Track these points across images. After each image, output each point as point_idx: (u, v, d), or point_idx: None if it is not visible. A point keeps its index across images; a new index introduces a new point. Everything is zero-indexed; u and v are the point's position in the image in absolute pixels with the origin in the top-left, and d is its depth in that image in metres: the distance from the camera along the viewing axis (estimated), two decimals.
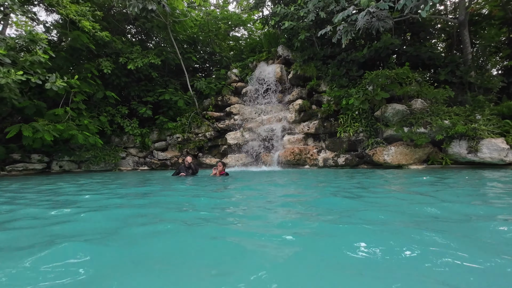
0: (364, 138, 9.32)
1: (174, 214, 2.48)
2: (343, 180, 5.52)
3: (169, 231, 1.82)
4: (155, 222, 2.11)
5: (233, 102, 12.74)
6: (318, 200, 3.14)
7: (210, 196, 3.57)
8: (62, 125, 8.27)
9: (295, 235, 1.65)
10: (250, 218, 2.29)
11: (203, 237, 1.67)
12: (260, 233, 1.70)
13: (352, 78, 10.35)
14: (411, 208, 2.46)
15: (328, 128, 10.21)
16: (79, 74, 9.59)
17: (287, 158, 10.29)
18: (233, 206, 2.92)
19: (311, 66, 11.12)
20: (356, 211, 2.40)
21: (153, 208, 2.80)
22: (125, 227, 1.97)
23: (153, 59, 10.61)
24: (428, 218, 2.12)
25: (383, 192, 3.70)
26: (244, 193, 3.80)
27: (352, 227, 1.78)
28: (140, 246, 1.56)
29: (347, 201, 2.95)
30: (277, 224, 2.00)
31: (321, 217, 2.21)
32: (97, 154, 10.94)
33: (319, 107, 10.81)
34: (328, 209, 2.54)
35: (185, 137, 12.42)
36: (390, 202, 2.88)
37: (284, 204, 2.89)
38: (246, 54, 13.46)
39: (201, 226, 1.94)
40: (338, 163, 9.41)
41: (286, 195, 3.55)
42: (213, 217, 2.28)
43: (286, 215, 2.33)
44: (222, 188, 4.54)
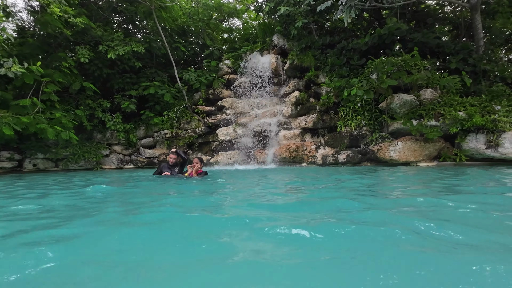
0: (367, 133, 8.28)
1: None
2: (347, 180, 4.48)
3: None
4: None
5: (225, 95, 11.68)
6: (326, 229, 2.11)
7: (172, 207, 2.53)
8: (27, 117, 7.19)
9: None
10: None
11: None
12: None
13: (354, 68, 9.30)
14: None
15: (327, 122, 9.16)
16: (53, 63, 8.52)
17: (282, 155, 9.24)
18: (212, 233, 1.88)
19: (309, 56, 10.06)
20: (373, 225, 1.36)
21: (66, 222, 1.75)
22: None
23: (136, 47, 9.53)
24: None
25: (415, 206, 2.67)
26: (225, 209, 2.75)
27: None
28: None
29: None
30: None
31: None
32: (76, 151, 9.87)
33: (317, 100, 9.76)
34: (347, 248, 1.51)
35: (173, 133, 11.36)
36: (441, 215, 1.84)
37: (278, 225, 1.85)
38: (239, 44, 12.38)
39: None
40: (339, 161, 8.37)
41: (281, 208, 2.52)
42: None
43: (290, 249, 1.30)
44: (198, 195, 3.50)
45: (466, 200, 2.38)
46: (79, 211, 2.38)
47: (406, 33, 8.81)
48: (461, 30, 11.73)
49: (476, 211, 1.99)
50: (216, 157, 10.70)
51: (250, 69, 11.32)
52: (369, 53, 9.53)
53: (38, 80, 8.00)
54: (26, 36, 9.44)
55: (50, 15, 7.76)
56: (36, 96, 8.23)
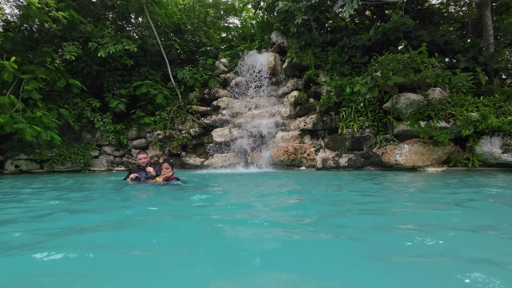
0: (371, 135, 7.63)
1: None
2: (353, 188, 3.83)
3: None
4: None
5: (222, 95, 11.06)
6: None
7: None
8: (3, 117, 6.55)
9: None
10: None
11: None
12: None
13: (356, 66, 8.67)
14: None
15: (327, 123, 8.52)
16: (36, 58, 7.92)
17: (280, 158, 8.60)
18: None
19: (309, 53, 9.44)
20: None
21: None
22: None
23: (128, 45, 8.91)
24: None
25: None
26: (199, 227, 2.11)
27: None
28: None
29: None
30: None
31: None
32: (62, 152, 9.23)
33: (317, 100, 9.13)
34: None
35: (167, 133, 10.73)
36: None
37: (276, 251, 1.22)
38: (236, 43, 11.78)
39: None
40: (340, 164, 7.72)
41: (275, 225, 1.87)
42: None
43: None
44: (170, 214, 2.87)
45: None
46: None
47: (412, 29, 8.19)
48: (468, 29, 11.11)
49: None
50: (210, 160, 10.07)
51: (247, 67, 10.70)
52: (372, 51, 8.90)
53: (18, 77, 7.39)
54: (9, 30, 8.84)
55: (32, 8, 7.17)
56: (18, 94, 7.62)
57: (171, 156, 10.93)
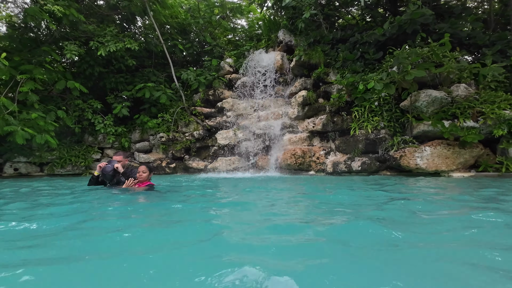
0: (387, 136, 6.87)
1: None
2: (372, 200, 3.14)
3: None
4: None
5: (227, 96, 10.53)
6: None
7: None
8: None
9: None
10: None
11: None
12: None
13: (369, 63, 7.97)
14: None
15: (338, 124, 7.81)
16: (34, 58, 7.60)
17: (287, 161, 7.93)
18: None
19: (318, 51, 8.79)
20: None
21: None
22: None
23: (129, 43, 8.52)
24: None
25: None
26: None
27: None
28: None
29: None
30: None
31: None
32: (63, 155, 8.87)
33: (327, 100, 8.45)
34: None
35: (170, 136, 10.24)
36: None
37: None
38: (242, 42, 11.27)
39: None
40: (352, 169, 6.98)
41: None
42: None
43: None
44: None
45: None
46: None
47: (431, 22, 7.43)
48: (490, 23, 10.21)
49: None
50: (214, 163, 9.49)
51: (253, 67, 10.14)
52: (387, 46, 8.19)
53: (14, 77, 7.05)
54: (15, 30, 8.62)
55: (31, 6, 6.85)
56: (15, 95, 7.28)
57: (175, 159, 10.42)
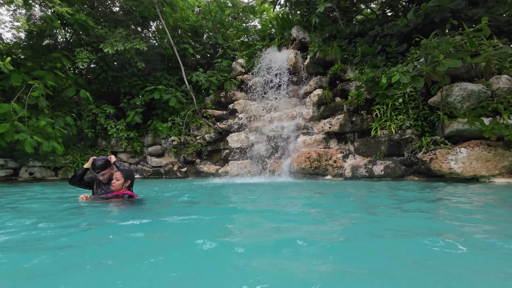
0: (414, 137, 6.05)
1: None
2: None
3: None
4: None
5: (239, 97, 10.08)
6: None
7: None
8: (3, 126, 6.09)
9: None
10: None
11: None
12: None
13: (391, 56, 7.17)
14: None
15: (357, 125, 7.06)
16: (47, 64, 7.58)
17: (301, 165, 7.29)
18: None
19: (334, 47, 8.12)
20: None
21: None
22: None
23: (138, 44, 8.34)
24: None
25: None
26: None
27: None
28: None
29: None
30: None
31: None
32: (76, 159, 8.82)
33: (344, 99, 7.73)
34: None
35: (181, 139, 9.95)
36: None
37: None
38: (254, 43, 10.81)
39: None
40: (374, 173, 6.21)
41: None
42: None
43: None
44: None
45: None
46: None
47: (463, 8, 6.53)
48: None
49: None
50: (225, 167, 9.04)
51: (265, 67, 9.62)
52: (411, 39, 7.36)
53: (27, 82, 7.03)
54: (32, 38, 8.74)
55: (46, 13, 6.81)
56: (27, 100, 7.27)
57: (186, 163, 10.11)
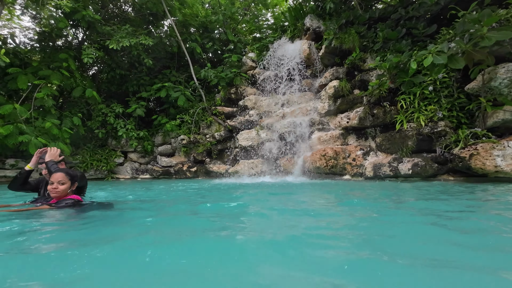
0: (448, 129, 5.16)
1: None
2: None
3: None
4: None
5: (250, 93, 9.50)
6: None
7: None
8: (6, 128, 5.90)
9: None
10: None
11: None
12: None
13: (418, 40, 6.27)
14: None
15: (379, 118, 6.24)
16: (53, 64, 7.42)
17: (316, 164, 6.57)
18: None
19: (351, 34, 7.31)
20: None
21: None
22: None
23: (144, 40, 8.00)
24: None
25: None
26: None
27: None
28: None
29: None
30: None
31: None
32: (85, 159, 8.64)
33: (364, 91, 6.91)
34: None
35: (191, 138, 9.53)
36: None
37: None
38: (264, 34, 10.19)
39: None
40: (400, 172, 5.38)
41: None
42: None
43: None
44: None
45: None
46: None
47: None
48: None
49: None
50: (236, 167, 8.49)
51: (277, 60, 8.98)
52: (440, 20, 6.42)
53: (35, 84, 6.87)
54: (43, 40, 8.68)
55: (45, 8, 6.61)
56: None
57: (196, 163, 9.67)
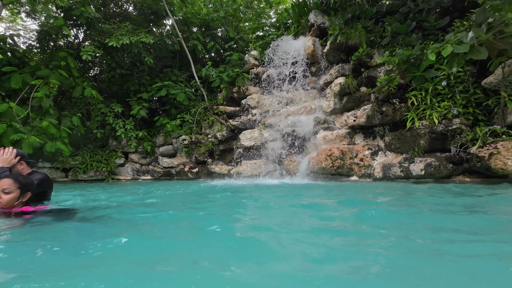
0: (463, 127, 4.79)
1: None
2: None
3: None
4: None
5: (253, 92, 9.23)
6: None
7: None
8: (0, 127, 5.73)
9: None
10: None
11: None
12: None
13: (430, 33, 5.92)
14: None
15: (389, 116, 5.89)
16: (51, 63, 7.25)
17: (321, 164, 6.24)
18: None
19: (358, 28, 6.98)
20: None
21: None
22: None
23: (144, 37, 7.79)
24: None
25: None
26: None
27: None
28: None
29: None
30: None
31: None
32: (85, 160, 8.45)
33: (371, 88, 6.57)
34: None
35: (193, 139, 9.28)
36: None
37: None
38: (268, 33, 9.91)
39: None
40: (412, 173, 5.03)
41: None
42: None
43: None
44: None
45: None
46: None
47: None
48: None
49: None
50: (238, 167, 8.20)
51: (280, 57, 8.69)
52: (451, 12, 6.06)
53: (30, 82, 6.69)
54: (43, 40, 8.54)
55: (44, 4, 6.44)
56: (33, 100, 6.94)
57: (198, 163, 9.42)
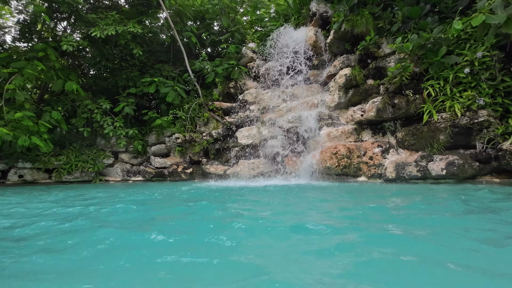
0: (491, 120, 4.14)
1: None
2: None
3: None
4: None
5: (250, 87, 8.57)
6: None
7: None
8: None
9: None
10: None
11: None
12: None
13: (447, 16, 5.26)
14: None
15: (401, 109, 5.23)
16: (28, 54, 6.58)
17: (325, 163, 5.58)
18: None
19: (364, 15, 6.32)
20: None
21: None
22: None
23: (132, 27, 7.13)
24: None
25: None
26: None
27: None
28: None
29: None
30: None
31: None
32: (69, 160, 7.77)
33: (379, 80, 5.91)
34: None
35: (187, 137, 8.61)
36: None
37: None
38: (266, 23, 9.25)
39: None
40: (431, 173, 4.36)
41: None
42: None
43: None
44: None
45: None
46: None
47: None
48: None
49: None
50: (235, 168, 7.55)
51: (279, 49, 8.03)
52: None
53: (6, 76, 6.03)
54: (29, 32, 7.88)
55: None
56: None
57: (192, 163, 8.75)
